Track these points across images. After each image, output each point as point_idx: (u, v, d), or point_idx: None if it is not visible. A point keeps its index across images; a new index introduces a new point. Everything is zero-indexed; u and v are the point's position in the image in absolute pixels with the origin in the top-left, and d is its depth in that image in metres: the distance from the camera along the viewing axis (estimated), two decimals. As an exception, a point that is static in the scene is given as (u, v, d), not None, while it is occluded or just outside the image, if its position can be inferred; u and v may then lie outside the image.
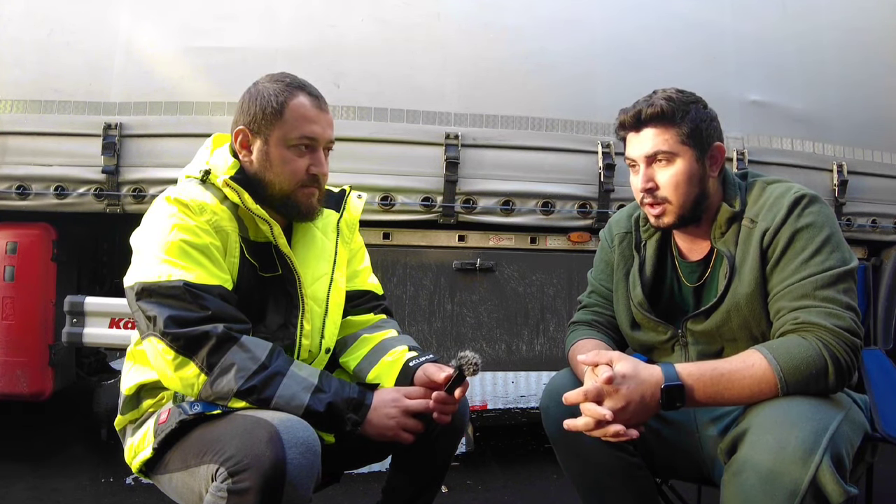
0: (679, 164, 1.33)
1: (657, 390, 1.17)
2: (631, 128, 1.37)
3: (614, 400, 1.16)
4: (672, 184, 1.33)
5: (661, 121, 1.33)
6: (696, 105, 1.35)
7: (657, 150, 1.33)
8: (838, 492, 1.05)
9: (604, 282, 1.57)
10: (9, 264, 2.50)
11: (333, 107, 1.45)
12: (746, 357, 1.20)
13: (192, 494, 1.19)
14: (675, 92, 1.35)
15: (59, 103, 2.47)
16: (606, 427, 1.16)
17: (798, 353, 1.17)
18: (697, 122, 1.33)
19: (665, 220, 1.37)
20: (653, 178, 1.35)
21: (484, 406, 4.03)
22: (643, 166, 1.36)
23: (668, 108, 1.32)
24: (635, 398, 1.16)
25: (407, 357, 1.43)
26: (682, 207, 1.35)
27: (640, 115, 1.34)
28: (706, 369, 1.19)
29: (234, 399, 1.20)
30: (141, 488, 2.48)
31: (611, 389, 1.16)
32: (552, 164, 2.64)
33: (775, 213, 1.30)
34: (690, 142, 1.33)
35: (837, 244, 1.27)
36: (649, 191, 1.35)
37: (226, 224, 1.31)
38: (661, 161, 1.34)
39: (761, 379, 1.16)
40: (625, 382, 1.17)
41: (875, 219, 3.05)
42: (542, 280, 2.70)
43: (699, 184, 1.34)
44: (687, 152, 1.33)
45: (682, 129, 1.32)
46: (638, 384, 1.17)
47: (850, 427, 1.18)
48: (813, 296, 1.23)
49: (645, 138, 1.34)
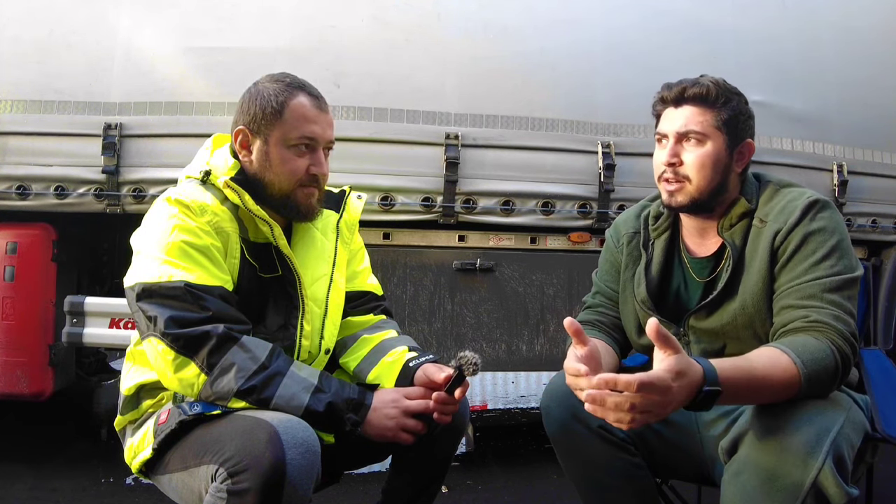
0: (709, 146, 1.34)
1: (693, 391, 1.03)
2: (671, 103, 1.38)
3: (662, 395, 0.99)
4: (698, 164, 1.34)
5: (702, 102, 1.34)
6: (739, 98, 1.37)
7: (690, 128, 1.34)
8: (839, 493, 1.05)
9: (608, 283, 1.57)
10: (9, 264, 2.49)
11: (333, 107, 1.45)
12: (776, 360, 1.13)
13: (192, 495, 1.19)
14: (722, 80, 1.37)
15: (59, 103, 2.46)
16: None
17: (819, 355, 1.15)
18: (736, 113, 1.35)
19: (678, 199, 1.36)
20: (679, 154, 1.35)
21: (484, 406, 4.03)
22: (672, 141, 1.36)
23: (712, 91, 1.34)
24: (678, 399, 1.02)
25: (407, 357, 1.43)
26: (700, 190, 1.35)
27: (684, 93, 1.35)
28: (742, 371, 1.10)
29: (234, 399, 1.20)
30: (141, 489, 2.48)
31: (662, 388, 0.99)
32: (552, 164, 2.64)
33: (788, 215, 1.30)
34: (725, 129, 1.34)
35: (846, 250, 1.28)
36: (672, 165, 1.35)
37: (226, 225, 1.31)
38: (691, 140, 1.35)
39: (788, 383, 1.12)
40: (677, 381, 1.01)
41: (875, 219, 3.04)
42: (542, 280, 2.70)
43: (722, 172, 1.35)
44: (719, 138, 1.34)
45: (720, 114, 1.34)
46: (687, 385, 1.02)
47: (852, 428, 1.18)
48: (820, 297, 1.23)
49: (682, 115, 1.35)
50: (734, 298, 1.34)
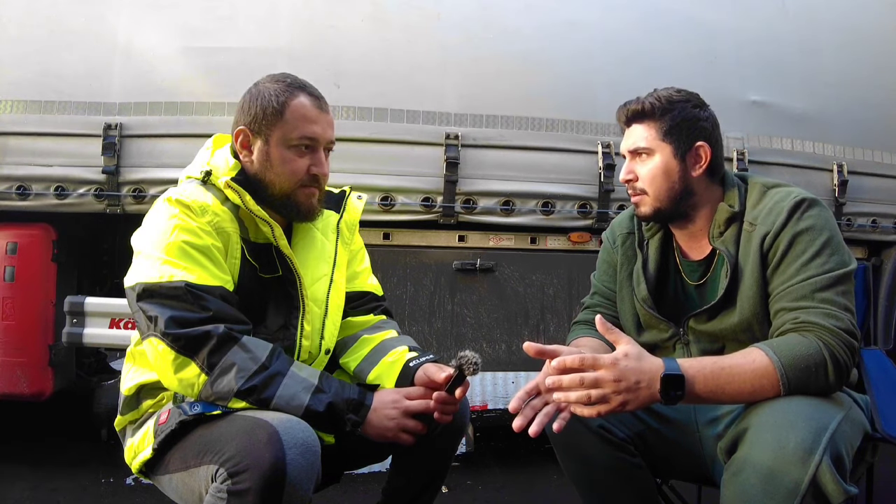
0: (657, 158, 1.40)
1: (656, 379, 1.14)
2: (624, 123, 1.47)
3: (609, 371, 1.12)
4: (648, 177, 1.41)
5: (643, 118, 1.41)
6: (685, 104, 1.41)
7: (638, 145, 1.42)
8: (838, 491, 1.05)
9: (606, 283, 1.59)
10: (9, 264, 2.49)
11: (333, 107, 1.45)
12: (747, 353, 1.20)
13: (192, 495, 1.19)
14: (665, 91, 1.42)
15: (59, 103, 2.46)
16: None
17: (798, 349, 1.17)
18: (678, 121, 1.39)
19: (642, 210, 1.44)
20: (633, 170, 1.43)
21: (484, 406, 4.02)
22: (627, 159, 1.45)
23: (648, 107, 1.40)
24: (630, 379, 1.12)
25: (407, 357, 1.43)
26: (659, 199, 1.41)
27: (628, 113, 1.44)
28: (707, 363, 1.19)
29: (235, 399, 1.20)
30: (141, 489, 2.48)
31: (608, 362, 1.13)
32: (552, 164, 2.64)
33: (775, 218, 1.31)
34: (668, 138, 1.40)
35: (837, 247, 1.29)
36: (629, 181, 1.44)
37: (227, 225, 1.31)
38: (641, 155, 1.42)
39: (762, 374, 1.16)
40: (625, 360, 1.13)
41: (875, 219, 3.05)
42: (542, 280, 2.70)
43: (678, 181, 1.40)
44: (665, 148, 1.40)
45: (662, 125, 1.40)
46: (637, 366, 1.14)
47: (851, 427, 1.18)
48: (812, 297, 1.24)
49: (631, 134, 1.44)
50: (732, 304, 1.35)
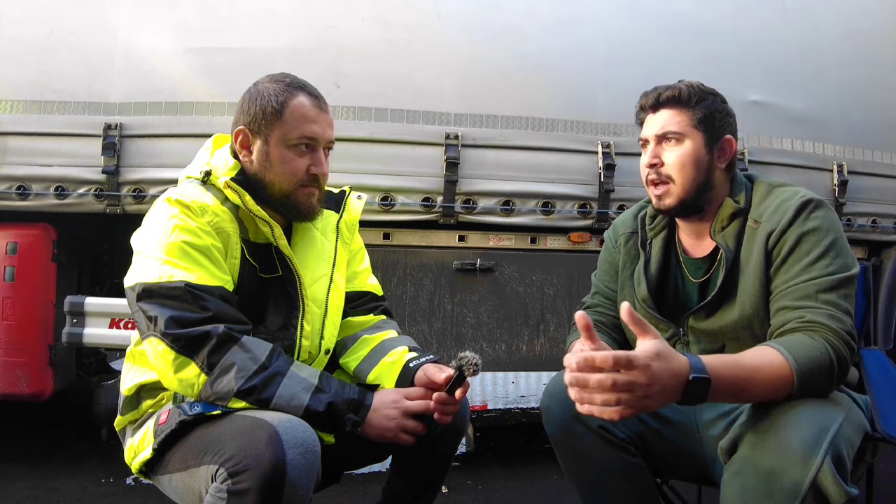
0: (687, 145, 1.38)
1: (683, 381, 1.04)
2: (650, 109, 1.43)
3: (642, 374, 1.00)
4: (678, 163, 1.38)
5: (676, 103, 1.39)
6: (714, 97, 1.41)
7: (667, 129, 1.39)
8: (839, 492, 1.05)
9: (607, 283, 1.58)
10: (9, 264, 2.50)
11: (333, 107, 1.45)
12: (765, 354, 1.15)
13: (192, 495, 1.19)
14: (697, 82, 1.42)
15: (59, 103, 2.47)
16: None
17: (812, 352, 1.15)
18: (711, 111, 1.39)
19: (667, 202, 1.40)
20: (659, 155, 1.40)
21: (484, 406, 4.02)
22: (653, 144, 1.41)
23: (684, 92, 1.39)
24: (662, 381, 1.01)
25: (407, 358, 1.43)
26: (685, 190, 1.38)
27: (659, 97, 1.41)
28: (729, 364, 1.10)
29: (234, 399, 1.20)
30: (141, 489, 2.48)
31: (642, 364, 1.00)
32: (552, 165, 2.64)
33: (781, 216, 1.31)
34: (701, 127, 1.38)
35: (841, 249, 1.28)
36: (654, 166, 1.40)
37: (227, 225, 1.31)
38: (670, 140, 1.39)
39: (780, 377, 1.13)
40: (658, 362, 1.01)
41: (875, 219, 3.04)
42: (542, 280, 2.70)
43: (705, 171, 1.38)
44: (697, 136, 1.38)
45: (696, 113, 1.38)
46: (668, 367, 1.02)
47: (851, 427, 1.17)
48: (815, 297, 1.23)
49: (660, 118, 1.40)
50: (732, 301, 1.35)
